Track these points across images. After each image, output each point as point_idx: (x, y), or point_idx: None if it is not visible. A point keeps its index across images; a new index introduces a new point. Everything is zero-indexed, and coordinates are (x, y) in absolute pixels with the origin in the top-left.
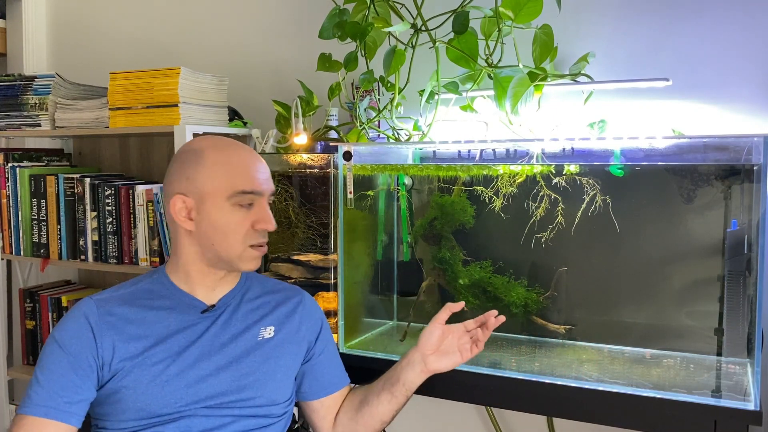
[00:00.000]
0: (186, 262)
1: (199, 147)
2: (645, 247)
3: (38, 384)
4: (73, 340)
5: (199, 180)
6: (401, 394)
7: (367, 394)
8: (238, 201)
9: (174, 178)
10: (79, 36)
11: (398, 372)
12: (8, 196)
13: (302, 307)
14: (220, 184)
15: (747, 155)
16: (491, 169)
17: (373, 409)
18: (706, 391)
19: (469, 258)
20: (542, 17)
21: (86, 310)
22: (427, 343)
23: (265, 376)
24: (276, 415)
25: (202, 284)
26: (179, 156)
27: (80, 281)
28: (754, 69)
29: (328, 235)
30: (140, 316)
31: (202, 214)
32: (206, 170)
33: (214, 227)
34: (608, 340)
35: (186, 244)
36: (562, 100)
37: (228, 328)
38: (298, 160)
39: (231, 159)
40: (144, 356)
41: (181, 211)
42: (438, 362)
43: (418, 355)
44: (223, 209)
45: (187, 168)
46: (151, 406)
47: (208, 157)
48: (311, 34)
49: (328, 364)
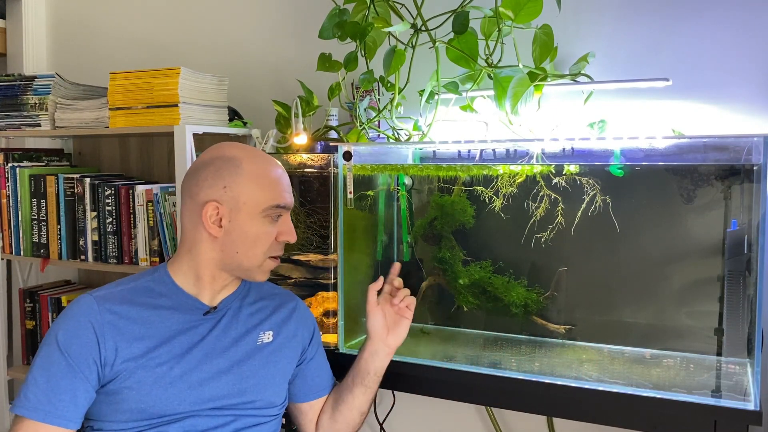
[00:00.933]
0: (201, 266)
1: (235, 156)
2: (645, 247)
3: (36, 385)
4: (73, 341)
5: (237, 190)
6: (373, 383)
7: (340, 393)
8: (270, 214)
9: (207, 185)
10: (79, 36)
11: (366, 365)
12: (8, 196)
13: (297, 312)
14: (258, 197)
15: (747, 155)
16: (491, 169)
17: (349, 404)
18: (706, 391)
19: (469, 258)
20: (542, 17)
21: (86, 308)
22: (379, 330)
23: (265, 380)
24: (272, 415)
25: (210, 288)
26: (212, 162)
27: (80, 281)
28: (754, 69)
29: (328, 235)
30: (142, 315)
31: (234, 223)
32: (244, 181)
33: (244, 237)
34: (608, 340)
35: (206, 249)
36: (562, 100)
37: (229, 332)
38: (298, 160)
39: (268, 173)
40: (147, 357)
41: (211, 217)
42: (396, 338)
43: (379, 344)
44: (255, 220)
45: (225, 177)
46: (154, 407)
47: (247, 168)
48: (311, 34)
49: (318, 368)
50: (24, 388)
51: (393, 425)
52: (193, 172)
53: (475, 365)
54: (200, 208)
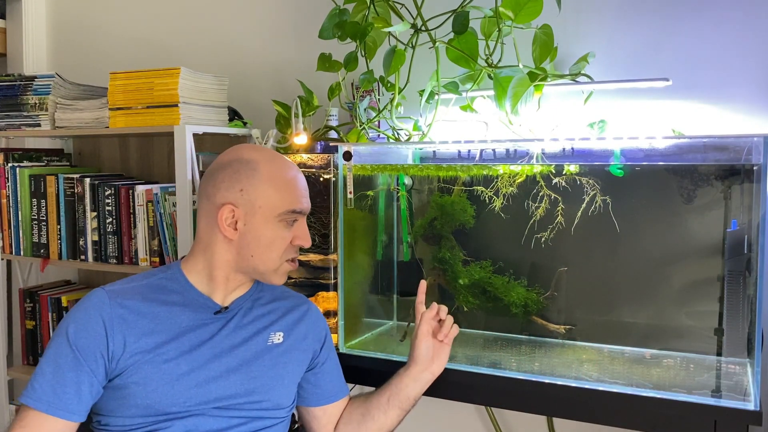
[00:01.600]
0: (215, 267)
1: (253, 159)
2: (645, 247)
3: (43, 376)
4: (81, 334)
5: (253, 193)
6: (411, 407)
7: (369, 408)
8: (285, 218)
9: (224, 186)
10: (79, 36)
11: (407, 390)
12: (8, 196)
13: (308, 316)
14: (275, 202)
15: (747, 155)
16: (491, 169)
17: (380, 423)
18: (706, 391)
19: (469, 258)
20: (542, 17)
21: (97, 301)
22: (427, 358)
23: (273, 380)
24: (280, 417)
25: (223, 288)
26: (230, 165)
27: (80, 281)
28: (754, 69)
29: (328, 235)
30: (152, 310)
31: (249, 226)
32: (262, 185)
33: (259, 240)
34: (608, 340)
35: (222, 250)
36: (562, 100)
37: (239, 331)
38: (298, 160)
39: (286, 177)
40: (155, 353)
41: (227, 220)
42: (440, 365)
43: (424, 372)
44: (270, 224)
45: (242, 180)
46: (160, 404)
47: (264, 172)
48: (311, 34)
49: (331, 373)
50: (32, 378)
51: None
52: (210, 173)
53: (475, 365)
54: (216, 210)
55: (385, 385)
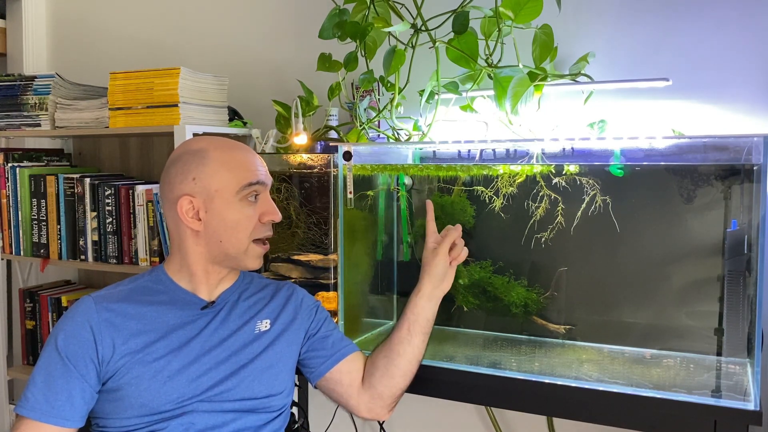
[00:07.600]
0: (191, 262)
1: (200, 147)
2: (645, 247)
3: (35, 386)
4: (70, 341)
5: (206, 179)
6: (430, 328)
7: (392, 348)
8: (245, 194)
9: (177, 180)
10: (79, 36)
11: (424, 312)
12: (8, 196)
13: (294, 298)
14: (228, 180)
15: (747, 155)
16: (491, 169)
17: (408, 356)
18: (706, 391)
19: (469, 258)
20: (542, 17)
21: (84, 308)
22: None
23: (263, 363)
24: (275, 409)
25: (206, 283)
26: (179, 158)
27: (80, 281)
28: (754, 69)
29: (328, 235)
30: (139, 311)
31: (211, 213)
32: (212, 169)
33: (224, 223)
34: (608, 340)
35: (192, 244)
36: (562, 100)
37: (227, 324)
38: (298, 160)
39: (234, 155)
40: (145, 352)
41: (188, 212)
42: (448, 285)
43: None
44: (232, 204)
45: (192, 169)
46: (154, 402)
47: (212, 156)
48: (311, 34)
49: (328, 337)
50: (25, 389)
51: (393, 425)
52: (164, 172)
53: (475, 365)
54: (175, 204)
55: (399, 321)
